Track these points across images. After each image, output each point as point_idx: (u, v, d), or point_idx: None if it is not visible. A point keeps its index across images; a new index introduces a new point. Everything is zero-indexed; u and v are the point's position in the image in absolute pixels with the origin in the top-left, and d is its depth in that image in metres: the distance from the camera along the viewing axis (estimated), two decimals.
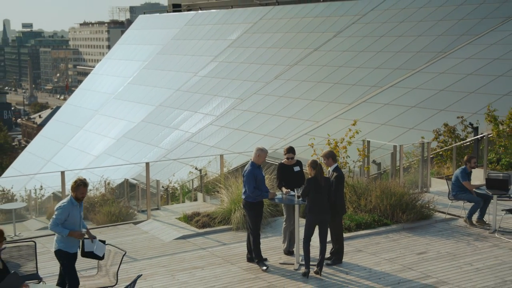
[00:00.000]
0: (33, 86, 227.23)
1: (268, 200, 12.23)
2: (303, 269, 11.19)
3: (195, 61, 48.40)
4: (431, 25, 34.47)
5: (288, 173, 12.02)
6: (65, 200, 9.18)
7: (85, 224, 9.57)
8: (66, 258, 9.12)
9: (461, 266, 11.61)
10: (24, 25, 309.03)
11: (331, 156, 11.72)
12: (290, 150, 12.09)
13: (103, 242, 9.50)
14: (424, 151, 17.43)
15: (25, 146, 74.92)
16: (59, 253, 9.15)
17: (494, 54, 28.58)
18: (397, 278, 11.05)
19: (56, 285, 8.60)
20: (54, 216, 8.92)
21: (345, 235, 12.20)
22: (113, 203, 16.60)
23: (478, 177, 14.24)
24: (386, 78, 31.66)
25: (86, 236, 9.31)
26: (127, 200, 19.50)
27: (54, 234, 13.98)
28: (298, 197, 11.23)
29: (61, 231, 8.94)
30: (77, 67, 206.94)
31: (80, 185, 9.14)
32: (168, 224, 14.36)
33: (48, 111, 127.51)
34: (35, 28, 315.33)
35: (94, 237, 9.41)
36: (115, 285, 9.80)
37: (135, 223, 14.83)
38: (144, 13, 74.98)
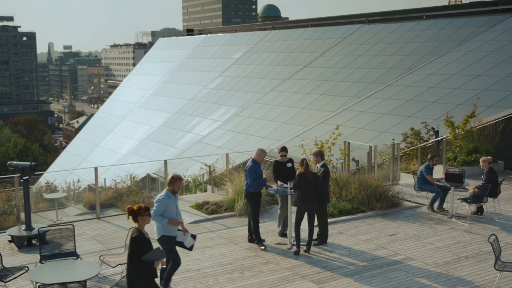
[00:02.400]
0: (72, 97, 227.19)
1: (265, 190, 12.28)
2: (294, 248, 11.21)
3: (205, 76, 48.42)
4: (400, 47, 34.52)
5: (282, 168, 12.06)
6: (162, 193, 9.03)
7: (181, 215, 9.37)
8: (168, 243, 8.94)
9: (424, 245, 11.62)
10: (65, 47, 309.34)
11: (319, 155, 11.80)
12: (284, 149, 12.19)
13: (194, 236, 9.34)
14: (395, 150, 17.46)
15: (65, 146, 74.94)
16: (162, 239, 8.97)
17: (451, 71, 28.64)
18: (372, 255, 11.05)
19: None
20: (154, 208, 8.71)
21: (329, 220, 12.22)
22: (137, 193, 16.62)
23: (438, 172, 14.24)
24: (363, 90, 31.70)
25: (181, 228, 9.14)
26: (149, 191, 19.51)
27: (89, 219, 14.03)
28: (291, 188, 11.27)
29: (162, 220, 8.81)
30: (108, 81, 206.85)
31: (176, 180, 9.01)
32: (183, 211, 14.30)
33: (84, 118, 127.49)
34: (74, 49, 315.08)
35: (187, 231, 9.27)
36: None
37: None
38: (163, 37, 74.97)
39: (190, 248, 9.36)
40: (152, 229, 10.97)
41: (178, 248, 9.25)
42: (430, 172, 14.13)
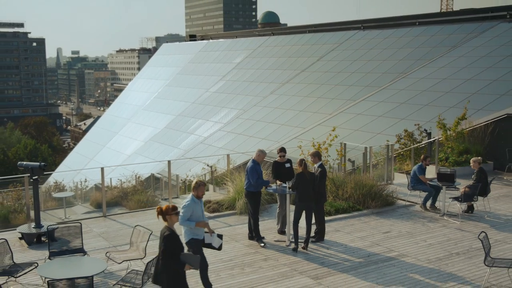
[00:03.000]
0: (80, 100, 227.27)
1: (265, 190, 12.28)
2: (293, 245, 11.21)
3: (207, 80, 48.43)
4: (394, 52, 34.54)
5: (281, 168, 12.05)
6: (188, 199, 8.94)
7: (206, 218, 9.26)
8: (196, 245, 8.89)
9: (417, 242, 11.63)
10: (73, 52, 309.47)
11: (317, 155, 11.82)
12: (282, 150, 12.19)
13: (220, 236, 9.22)
14: (389, 151, 17.46)
15: (73, 147, 74.93)
16: (190, 242, 8.89)
17: (443, 75, 28.66)
18: (367, 252, 11.05)
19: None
20: (181, 214, 8.59)
21: (326, 218, 12.22)
22: (142, 192, 16.61)
23: (431, 172, 14.23)
24: (358, 94, 31.71)
25: (207, 230, 9.02)
26: (153, 190, 19.51)
27: (96, 217, 14.03)
28: (289, 188, 11.26)
29: (189, 224, 8.74)
30: (114, 85, 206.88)
31: (200, 185, 8.93)
32: None
33: (91, 120, 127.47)
34: (82, 54, 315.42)
35: (213, 232, 9.11)
36: (143, 257, 9.80)
37: None
38: (167, 42, 75.01)
39: (219, 248, 9.22)
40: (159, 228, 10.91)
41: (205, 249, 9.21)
42: (423, 172, 14.14)
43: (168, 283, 7.39)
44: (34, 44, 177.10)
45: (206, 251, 11.21)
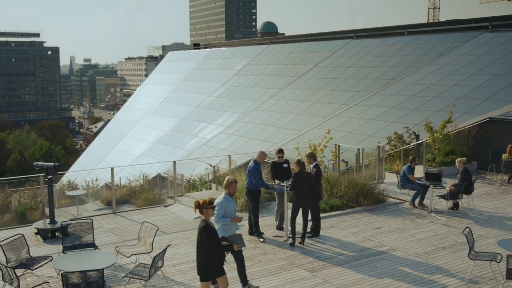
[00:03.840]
0: (91, 104, 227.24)
1: (265, 189, 12.28)
2: (290, 240, 11.20)
3: (210, 86, 48.45)
4: (384, 60, 34.56)
5: (279, 168, 12.06)
6: (221, 196, 8.80)
7: (239, 214, 9.13)
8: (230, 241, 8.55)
9: (406, 237, 11.63)
10: (85, 60, 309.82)
11: (312, 156, 11.82)
12: (280, 151, 12.19)
13: (240, 235, 9.05)
14: (380, 152, 17.46)
15: (85, 148, 74.90)
16: (222, 240, 8.55)
17: (430, 81, 28.67)
18: (360, 247, 11.05)
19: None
20: (216, 211, 8.38)
21: (321, 215, 12.22)
22: (149, 191, 16.58)
23: (419, 171, 14.26)
24: (351, 98, 31.72)
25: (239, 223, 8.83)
26: (159, 189, 19.48)
27: (106, 214, 14.02)
28: (287, 187, 11.26)
29: (224, 220, 8.60)
30: (123, 90, 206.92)
31: (232, 183, 8.81)
32: (190, 207, 14.34)
33: (102, 123, 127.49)
34: (93, 62, 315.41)
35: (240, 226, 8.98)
36: (150, 251, 9.80)
37: (165, 206, 14.84)
38: (172, 50, 75.03)
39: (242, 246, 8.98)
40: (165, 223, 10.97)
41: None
42: (412, 172, 14.15)
43: (206, 267, 7.50)
44: (49, 52, 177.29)
45: None
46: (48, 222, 11.98)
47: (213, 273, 7.60)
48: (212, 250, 7.43)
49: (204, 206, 7.60)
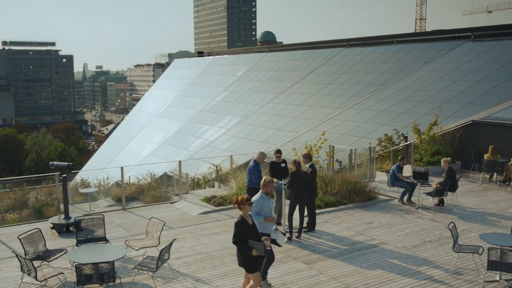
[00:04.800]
0: (102, 108, 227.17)
1: None
2: (288, 234, 11.18)
3: (213, 91, 48.44)
4: (375, 66, 34.56)
5: (277, 167, 12.06)
6: (258, 195, 8.56)
7: (274, 214, 8.86)
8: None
9: (395, 231, 11.63)
10: (97, 67, 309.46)
11: (308, 157, 11.82)
12: (278, 151, 12.19)
13: (284, 234, 8.76)
14: (371, 153, 17.46)
15: (97, 149, 74.87)
16: (262, 235, 8.37)
17: (417, 87, 28.68)
18: (352, 241, 11.05)
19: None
20: (252, 209, 8.12)
21: (317, 211, 12.22)
22: (156, 188, 16.57)
23: (407, 170, 14.25)
24: (344, 102, 31.71)
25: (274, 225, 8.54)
26: (166, 187, 19.48)
27: (116, 210, 14.01)
28: (285, 185, 11.25)
29: (258, 218, 8.35)
30: (132, 95, 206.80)
31: (269, 182, 8.58)
32: (194, 203, 14.35)
33: (112, 125, 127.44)
34: (104, 68, 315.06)
35: (277, 228, 8.64)
36: (158, 245, 9.81)
37: (171, 203, 14.84)
38: (178, 58, 75.01)
39: (281, 245, 8.76)
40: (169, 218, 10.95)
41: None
42: (401, 171, 14.15)
43: (242, 261, 7.56)
44: (64, 60, 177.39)
45: (212, 240, 11.22)
46: (63, 217, 11.99)
47: (256, 266, 7.54)
48: (235, 244, 7.49)
49: (242, 203, 7.58)
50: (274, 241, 8.59)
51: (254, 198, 8.43)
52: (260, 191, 8.69)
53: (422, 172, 13.73)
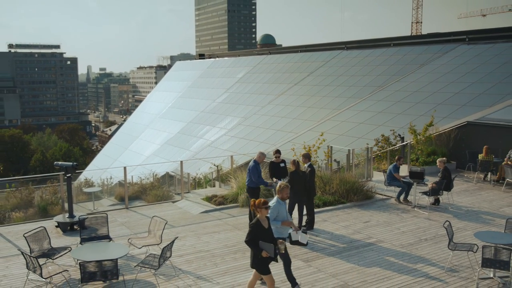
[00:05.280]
0: (106, 109, 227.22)
1: (264, 186, 12.28)
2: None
3: (213, 92, 48.45)
4: (373, 68, 34.57)
5: (276, 167, 12.07)
6: (274, 201, 8.38)
7: (290, 217, 8.62)
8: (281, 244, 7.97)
9: (392, 230, 11.63)
10: (100, 69, 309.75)
11: (307, 157, 11.81)
12: (278, 152, 12.20)
13: (305, 232, 8.67)
14: (368, 153, 17.45)
15: (100, 149, 74.87)
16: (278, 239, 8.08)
17: (413, 88, 28.68)
18: (350, 239, 11.05)
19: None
20: (268, 214, 7.91)
21: (315, 210, 12.21)
22: (158, 188, 16.56)
23: (404, 170, 14.24)
24: (342, 104, 31.72)
25: (293, 228, 8.43)
26: (168, 186, 19.46)
27: (119, 209, 14.01)
28: None
29: (276, 223, 8.16)
30: (135, 96, 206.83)
31: (284, 188, 8.40)
32: (195, 202, 14.35)
33: (116, 126, 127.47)
34: (108, 70, 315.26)
35: (298, 229, 8.49)
36: (160, 243, 9.80)
37: (173, 202, 14.83)
38: (180, 60, 75.00)
39: (306, 244, 8.57)
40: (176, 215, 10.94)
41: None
42: (397, 171, 14.15)
43: (253, 261, 7.51)
44: (68, 62, 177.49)
45: (213, 238, 11.21)
46: (67, 216, 11.99)
47: (267, 267, 7.49)
48: (246, 243, 7.43)
49: (258, 206, 7.50)
50: (297, 242, 8.41)
51: (270, 204, 8.19)
52: (275, 196, 8.52)
53: (418, 172, 13.73)
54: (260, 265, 7.45)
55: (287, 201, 11.18)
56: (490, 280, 8.70)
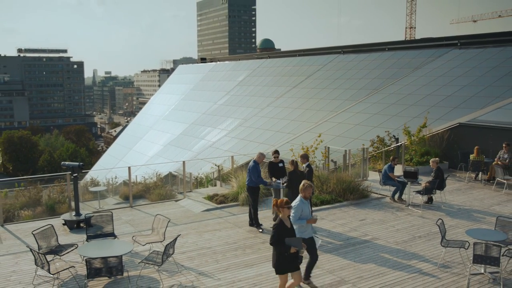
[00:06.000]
0: (111, 111, 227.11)
1: (263, 185, 12.28)
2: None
3: (215, 95, 48.46)
4: (368, 72, 34.58)
5: (275, 167, 12.07)
6: (297, 200, 8.15)
7: (316, 216, 8.29)
8: (304, 243, 7.69)
9: (387, 227, 11.63)
10: (106, 72, 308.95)
11: (305, 157, 11.82)
12: (276, 152, 12.21)
13: (317, 237, 8.46)
14: (364, 153, 17.46)
15: (106, 150, 74.88)
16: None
17: (407, 91, 28.70)
18: (346, 236, 11.05)
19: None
20: (293, 214, 7.86)
21: (313, 208, 12.21)
22: (161, 187, 16.57)
23: (398, 170, 14.24)
24: (339, 106, 31.73)
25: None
26: (171, 186, 19.47)
27: (124, 207, 14.00)
28: (283, 184, 11.27)
29: (301, 222, 7.96)
30: (139, 99, 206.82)
31: (308, 187, 8.19)
32: (197, 201, 14.35)
33: (120, 127, 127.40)
34: (113, 74, 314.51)
35: (314, 233, 8.27)
36: (163, 240, 9.80)
37: (176, 201, 14.83)
38: (182, 64, 75.03)
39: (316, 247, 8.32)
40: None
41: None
42: (392, 170, 14.15)
43: (276, 262, 7.27)
44: (75, 66, 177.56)
45: (214, 235, 11.21)
46: (74, 214, 11.99)
47: (284, 267, 7.22)
48: (272, 245, 7.15)
49: (281, 205, 7.27)
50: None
51: (293, 204, 8.02)
52: (299, 195, 8.27)
53: (412, 171, 13.74)
54: (284, 264, 7.15)
55: (288, 198, 11.22)
56: (481, 276, 8.70)
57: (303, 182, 8.39)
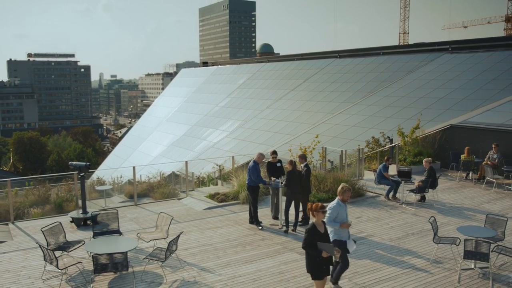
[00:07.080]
0: (116, 113, 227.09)
1: (263, 185, 12.28)
2: (284, 228, 11.20)
3: (216, 97, 48.45)
4: (363, 76, 34.60)
5: (273, 167, 12.07)
6: (334, 202, 7.79)
7: (350, 220, 8.06)
8: (339, 246, 7.57)
9: (382, 225, 11.64)
10: (111, 76, 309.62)
11: (303, 157, 11.85)
12: (274, 152, 12.21)
13: (355, 241, 8.09)
14: (360, 153, 17.47)
15: (111, 150, 74.82)
16: (334, 242, 7.61)
17: (401, 94, 28.71)
18: None
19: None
20: (327, 215, 7.54)
21: None
22: (165, 186, 16.56)
23: (392, 170, 14.26)
24: (336, 108, 31.73)
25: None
26: (174, 185, 19.44)
27: (129, 205, 14.00)
28: (281, 183, 11.27)
29: (334, 224, 7.61)
30: (143, 101, 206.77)
31: (346, 190, 7.75)
32: (199, 199, 14.35)
33: (125, 129, 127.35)
34: (118, 77, 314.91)
35: (348, 238, 7.87)
36: (166, 237, 9.80)
37: (179, 199, 14.83)
38: (185, 67, 75.03)
39: (350, 251, 7.90)
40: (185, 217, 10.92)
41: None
42: (386, 170, 14.16)
43: (312, 267, 7.01)
44: (82, 70, 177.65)
45: (215, 233, 11.21)
46: (81, 212, 11.99)
47: (321, 273, 6.96)
48: (304, 249, 6.92)
49: (316, 209, 7.06)
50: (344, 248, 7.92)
51: (330, 205, 7.74)
52: (337, 198, 7.88)
53: (406, 171, 13.74)
54: (317, 268, 6.91)
55: (287, 197, 11.21)
56: (471, 271, 8.71)
57: (342, 185, 7.84)
